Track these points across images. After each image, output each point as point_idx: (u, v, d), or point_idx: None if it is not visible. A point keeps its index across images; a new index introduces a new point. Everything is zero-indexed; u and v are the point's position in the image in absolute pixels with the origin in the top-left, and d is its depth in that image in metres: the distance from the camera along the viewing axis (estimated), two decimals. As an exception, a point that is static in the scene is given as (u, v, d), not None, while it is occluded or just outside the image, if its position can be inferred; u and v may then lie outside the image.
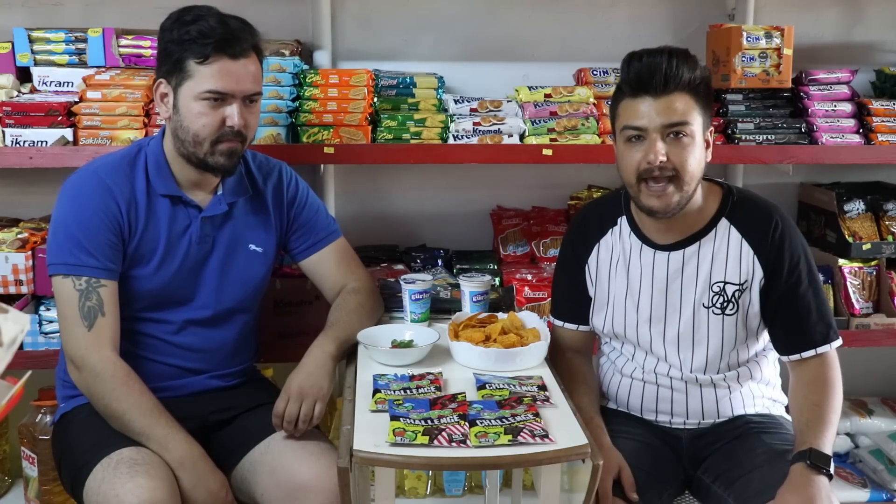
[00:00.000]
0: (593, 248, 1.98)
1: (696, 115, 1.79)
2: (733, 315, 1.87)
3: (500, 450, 1.51)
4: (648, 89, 1.77)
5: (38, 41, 2.40)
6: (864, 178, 2.92)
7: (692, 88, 1.78)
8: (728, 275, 1.86)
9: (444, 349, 1.93)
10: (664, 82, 1.76)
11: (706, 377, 1.91)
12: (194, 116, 1.84)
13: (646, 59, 1.79)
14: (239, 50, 1.83)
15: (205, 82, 1.82)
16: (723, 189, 1.92)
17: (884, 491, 2.67)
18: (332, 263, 2.11)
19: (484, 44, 2.76)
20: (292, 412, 1.81)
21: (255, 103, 1.90)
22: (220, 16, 1.84)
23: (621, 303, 1.95)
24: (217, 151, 1.86)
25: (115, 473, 1.69)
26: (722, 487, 1.85)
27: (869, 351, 2.87)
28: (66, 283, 1.83)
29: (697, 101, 1.79)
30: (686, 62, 1.77)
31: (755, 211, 1.88)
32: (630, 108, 1.80)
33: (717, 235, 1.88)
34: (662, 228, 1.90)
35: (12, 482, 2.60)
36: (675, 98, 1.77)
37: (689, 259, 1.88)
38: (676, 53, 1.78)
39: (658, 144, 1.77)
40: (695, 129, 1.79)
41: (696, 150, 1.79)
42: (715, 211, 1.89)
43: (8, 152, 2.25)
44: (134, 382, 1.81)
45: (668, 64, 1.76)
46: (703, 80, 1.81)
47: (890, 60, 2.86)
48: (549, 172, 2.79)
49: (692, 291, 1.88)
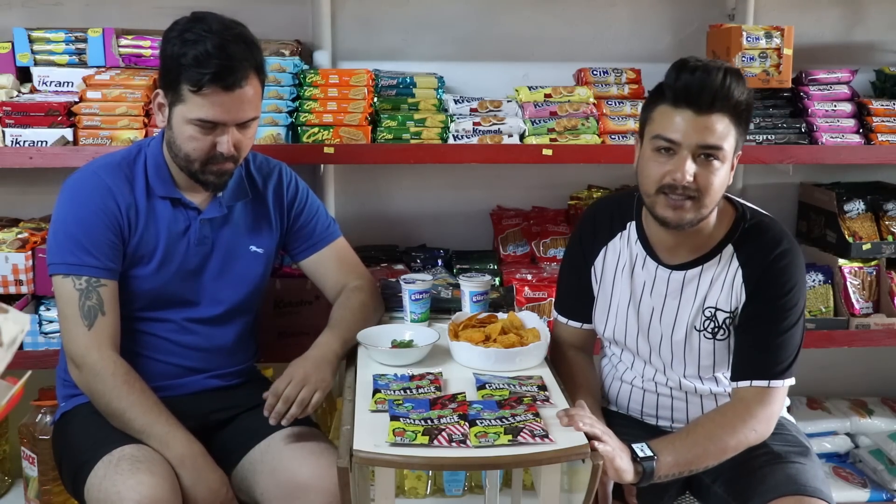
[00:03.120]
0: (601, 249, 1.94)
1: (732, 138, 1.70)
2: (724, 340, 1.84)
3: (500, 450, 1.51)
4: (693, 103, 1.67)
5: (38, 41, 2.40)
6: (864, 178, 2.92)
7: (736, 112, 1.69)
8: (720, 302, 1.82)
9: (444, 349, 1.93)
10: (711, 101, 1.66)
11: (704, 387, 1.90)
12: (186, 139, 1.83)
13: (700, 73, 1.67)
14: (233, 81, 1.78)
15: (197, 110, 1.79)
16: (737, 211, 1.85)
17: (884, 491, 2.67)
18: (332, 263, 2.11)
19: (484, 44, 2.76)
20: (290, 394, 1.80)
21: (250, 126, 1.87)
22: (221, 38, 1.77)
23: (623, 310, 1.93)
24: (208, 171, 1.86)
25: (117, 470, 1.69)
26: (722, 489, 1.85)
27: (869, 351, 2.87)
28: (67, 283, 1.83)
29: (737, 125, 1.71)
30: (738, 84, 1.68)
31: (761, 242, 1.80)
32: (667, 117, 1.70)
33: (721, 262, 1.82)
34: (669, 246, 1.85)
35: (12, 482, 2.60)
36: (717, 119, 1.67)
37: (689, 281, 1.85)
38: (731, 73, 1.68)
39: (688, 164, 1.68)
40: (728, 152, 1.70)
41: (723, 173, 1.72)
42: (724, 235, 1.82)
43: (8, 152, 2.25)
44: (134, 381, 1.81)
45: (721, 83, 1.66)
46: (748, 105, 1.72)
47: (890, 60, 2.86)
48: (549, 172, 2.79)
49: (687, 313, 1.85)
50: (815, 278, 2.63)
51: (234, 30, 1.82)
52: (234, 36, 1.80)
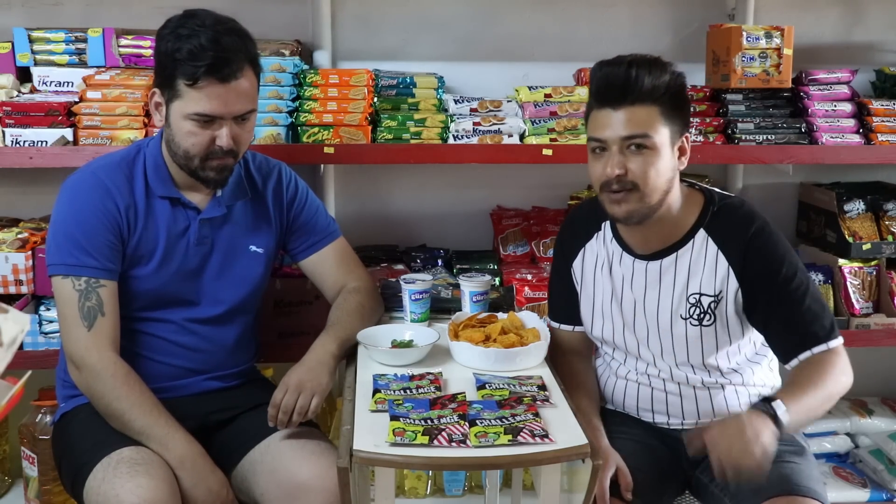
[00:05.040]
0: (579, 251, 1.98)
1: (659, 126, 1.73)
2: (711, 325, 1.84)
3: (500, 450, 1.51)
4: (608, 100, 1.74)
5: (38, 41, 2.40)
6: (864, 178, 2.92)
7: (655, 99, 1.73)
8: (703, 286, 1.83)
9: (444, 349, 1.93)
10: (623, 94, 1.72)
11: (696, 377, 1.90)
12: (184, 134, 1.83)
13: (605, 69, 1.76)
14: (229, 73, 1.79)
15: (193, 104, 1.80)
16: (704, 197, 1.88)
17: (884, 491, 2.67)
18: (331, 263, 2.11)
19: (484, 44, 2.76)
20: (289, 403, 1.80)
21: (248, 119, 1.88)
22: (214, 31, 1.78)
23: (607, 307, 1.94)
24: (208, 167, 1.86)
25: (116, 473, 1.69)
26: (718, 488, 1.85)
27: (869, 351, 2.86)
28: (66, 284, 1.83)
29: (663, 112, 1.74)
30: (649, 72, 1.72)
31: (733, 221, 1.83)
32: (594, 119, 1.78)
33: (695, 247, 1.84)
34: (640, 237, 1.88)
35: (12, 482, 2.60)
36: (637, 110, 1.72)
37: (666, 269, 1.86)
38: (638, 63, 1.73)
39: (616, 158, 1.74)
40: (657, 140, 1.74)
41: (659, 161, 1.75)
42: (694, 221, 1.85)
43: (8, 152, 2.25)
44: (134, 382, 1.82)
45: (626, 76, 1.72)
46: (670, 89, 1.74)
47: (890, 60, 2.86)
48: (549, 172, 2.79)
49: (669, 302, 1.86)
50: (816, 278, 2.62)
51: (227, 24, 1.83)
52: (228, 29, 1.81)
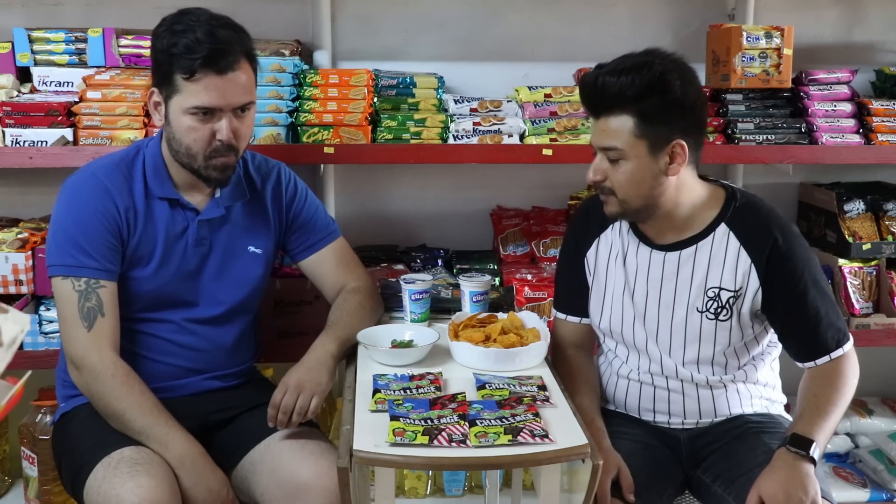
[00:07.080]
0: (594, 241, 1.99)
1: (631, 136, 1.75)
2: (727, 321, 1.86)
3: (500, 450, 1.51)
4: (591, 111, 1.82)
5: (38, 41, 2.40)
6: (864, 178, 2.92)
7: (626, 108, 1.74)
8: (724, 281, 1.84)
9: (444, 349, 1.93)
10: (598, 106, 1.79)
11: (701, 376, 1.90)
12: (185, 130, 1.83)
13: (584, 77, 1.83)
14: (226, 64, 1.80)
15: (192, 98, 1.80)
16: (726, 192, 1.90)
17: (884, 491, 2.67)
18: (331, 263, 2.11)
19: (484, 44, 2.76)
20: (288, 403, 1.80)
21: (247, 112, 1.88)
22: (209, 25, 1.80)
23: (619, 299, 1.94)
24: (211, 166, 1.87)
25: (116, 473, 1.69)
26: (722, 487, 1.85)
27: (869, 351, 2.85)
28: (66, 285, 1.83)
29: (640, 120, 1.74)
30: (615, 80, 1.73)
31: (756, 220, 1.85)
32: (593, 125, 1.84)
33: (715, 240, 1.86)
34: (655, 229, 1.90)
35: (12, 482, 2.60)
36: (610, 120, 1.77)
37: (685, 261, 1.88)
38: (607, 73, 1.75)
39: (597, 163, 1.82)
40: (629, 151, 1.76)
41: (635, 170, 1.77)
42: (716, 215, 1.87)
43: (8, 152, 2.25)
44: (134, 382, 1.82)
45: (592, 86, 1.78)
46: (645, 96, 1.72)
47: (890, 60, 2.86)
48: (549, 172, 2.79)
49: (686, 294, 1.87)
50: (815, 278, 2.63)
51: (222, 19, 1.85)
52: (223, 23, 1.83)
